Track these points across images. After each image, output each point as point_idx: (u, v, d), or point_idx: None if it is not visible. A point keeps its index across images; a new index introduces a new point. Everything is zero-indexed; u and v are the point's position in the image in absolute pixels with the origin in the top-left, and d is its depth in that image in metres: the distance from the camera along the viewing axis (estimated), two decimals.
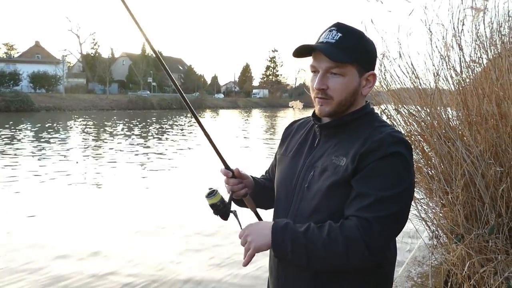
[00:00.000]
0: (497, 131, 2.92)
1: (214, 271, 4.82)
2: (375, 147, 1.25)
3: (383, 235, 1.22)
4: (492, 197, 2.80)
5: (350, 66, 1.31)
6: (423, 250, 4.11)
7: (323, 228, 1.23)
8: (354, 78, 1.33)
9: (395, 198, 1.22)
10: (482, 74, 3.33)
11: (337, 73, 1.31)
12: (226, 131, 24.06)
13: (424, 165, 3.46)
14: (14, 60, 58.13)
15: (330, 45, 1.30)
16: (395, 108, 3.64)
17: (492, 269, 2.64)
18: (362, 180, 1.24)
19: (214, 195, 1.45)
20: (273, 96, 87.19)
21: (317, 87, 1.33)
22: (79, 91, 54.66)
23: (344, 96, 1.33)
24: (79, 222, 6.54)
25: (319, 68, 1.33)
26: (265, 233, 1.28)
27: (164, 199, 8.08)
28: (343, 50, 1.29)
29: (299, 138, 1.52)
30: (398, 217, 1.25)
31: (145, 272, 4.74)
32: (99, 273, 4.67)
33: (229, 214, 1.48)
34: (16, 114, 35.33)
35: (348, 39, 1.31)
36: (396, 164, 1.24)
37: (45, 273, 4.65)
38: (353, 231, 1.19)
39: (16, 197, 8.05)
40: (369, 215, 1.19)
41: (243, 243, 1.32)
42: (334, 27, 1.33)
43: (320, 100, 1.35)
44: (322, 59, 1.31)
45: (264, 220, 1.41)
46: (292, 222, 1.30)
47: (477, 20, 3.25)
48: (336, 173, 1.29)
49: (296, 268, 1.37)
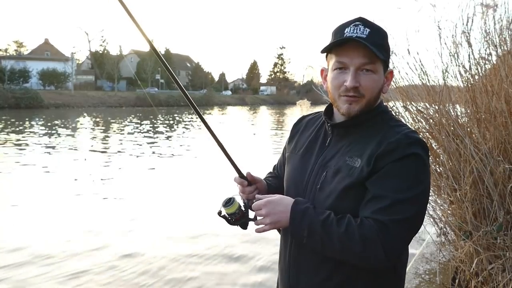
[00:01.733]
0: (506, 128, 2.91)
1: (223, 271, 4.86)
2: (392, 148, 1.21)
3: (400, 239, 1.19)
4: (500, 194, 2.79)
5: (379, 62, 1.27)
6: (431, 247, 4.10)
7: (342, 221, 1.20)
8: (381, 76, 1.30)
9: (412, 201, 1.19)
10: (491, 71, 3.31)
11: (370, 69, 1.26)
12: (234, 128, 24.09)
13: (432, 162, 3.45)
14: (24, 57, 58.59)
15: (364, 40, 1.23)
16: (403, 105, 3.63)
17: (500, 266, 2.64)
18: (378, 181, 1.21)
19: (232, 204, 1.39)
20: (281, 93, 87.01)
21: (352, 85, 1.25)
22: (87, 88, 55.04)
23: (374, 94, 1.29)
24: (85, 218, 6.61)
25: (351, 64, 1.26)
26: (283, 212, 1.26)
27: (172, 197, 8.12)
28: (375, 45, 1.24)
29: (309, 136, 1.47)
30: (415, 221, 1.22)
31: (153, 269, 4.79)
32: (100, 269, 4.73)
33: (248, 223, 1.43)
34: (25, 110, 35.66)
35: (377, 35, 1.27)
36: (413, 166, 1.21)
37: (59, 269, 4.72)
38: (371, 232, 1.16)
39: (19, 195, 8.16)
40: (386, 218, 1.16)
41: (258, 214, 1.30)
42: (359, 22, 1.27)
43: (349, 99, 1.28)
44: (355, 54, 1.24)
45: (283, 196, 1.34)
46: (312, 206, 1.27)
47: (486, 16, 3.23)
48: (351, 175, 1.25)
49: (309, 269, 1.35)
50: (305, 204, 1.27)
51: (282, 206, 1.28)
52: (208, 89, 71.14)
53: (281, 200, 1.30)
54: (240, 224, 1.44)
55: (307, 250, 1.34)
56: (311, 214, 1.24)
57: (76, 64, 62.24)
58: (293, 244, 1.41)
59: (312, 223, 1.22)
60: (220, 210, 1.42)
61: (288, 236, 1.42)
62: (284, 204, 1.28)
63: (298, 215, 1.25)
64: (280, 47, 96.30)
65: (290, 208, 1.26)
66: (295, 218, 1.25)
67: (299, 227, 1.24)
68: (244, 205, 1.45)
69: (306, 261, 1.37)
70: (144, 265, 4.85)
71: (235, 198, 1.42)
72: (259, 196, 1.36)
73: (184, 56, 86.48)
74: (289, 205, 1.27)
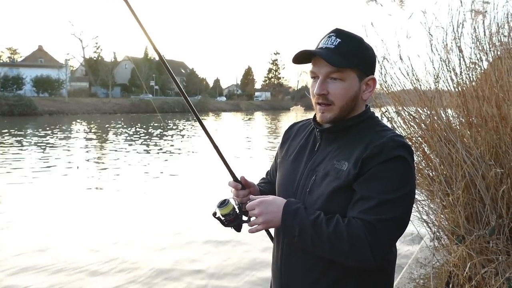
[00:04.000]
0: (497, 132, 2.94)
1: (217, 276, 4.85)
2: (378, 151, 1.26)
3: (386, 238, 1.23)
4: (492, 198, 2.81)
5: (349, 70, 1.32)
6: (425, 252, 4.12)
7: (331, 221, 1.25)
8: (354, 83, 1.33)
9: (398, 201, 1.24)
10: (482, 76, 3.35)
11: (337, 78, 1.31)
12: (228, 134, 24.09)
13: (425, 167, 3.48)
14: (18, 64, 58.34)
15: (329, 50, 1.31)
16: (395, 111, 3.66)
17: (493, 270, 2.65)
18: (364, 183, 1.26)
19: (226, 205, 1.43)
20: (276, 99, 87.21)
21: (318, 93, 1.33)
22: (82, 95, 54.75)
23: (345, 101, 1.33)
24: (77, 228, 6.56)
25: (319, 73, 1.33)
26: (276, 212, 1.30)
27: (166, 203, 8.08)
28: (342, 55, 1.29)
29: (300, 142, 1.53)
30: (401, 220, 1.26)
31: (143, 277, 4.77)
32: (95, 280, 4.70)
33: (242, 225, 1.46)
34: (19, 118, 35.46)
35: (347, 44, 1.31)
36: (398, 168, 1.26)
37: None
38: (358, 231, 1.20)
39: (13, 203, 8.09)
40: (373, 218, 1.21)
41: (251, 214, 1.34)
42: (333, 33, 1.34)
43: (321, 107, 1.35)
44: (321, 64, 1.31)
45: (276, 197, 1.38)
46: (303, 206, 1.31)
47: (476, 22, 3.27)
48: (338, 178, 1.30)
49: (301, 269, 1.39)
50: (297, 205, 1.32)
51: (274, 206, 1.32)
52: (203, 95, 71.15)
53: (273, 200, 1.35)
54: (234, 226, 1.47)
55: (299, 250, 1.38)
56: (302, 214, 1.28)
57: (70, 70, 62.02)
58: (285, 244, 1.45)
59: (303, 223, 1.26)
60: (215, 211, 1.45)
61: (280, 236, 1.47)
62: (277, 204, 1.32)
63: (290, 215, 1.29)
64: (275, 53, 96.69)
65: (282, 208, 1.30)
66: (287, 217, 1.29)
67: (290, 227, 1.28)
68: (238, 207, 1.48)
69: (297, 261, 1.41)
70: (136, 271, 4.82)
71: (230, 200, 1.45)
72: (253, 196, 1.41)
73: (178, 62, 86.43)
74: (281, 205, 1.32)
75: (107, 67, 60.66)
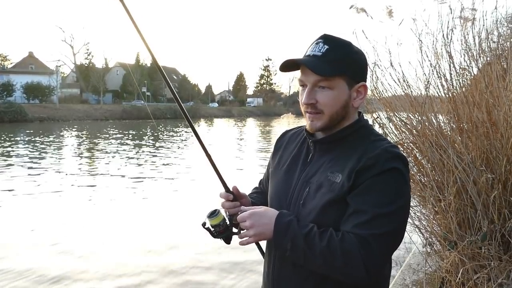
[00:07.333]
0: (488, 138, 2.95)
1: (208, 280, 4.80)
2: (371, 163, 1.22)
3: (380, 253, 1.19)
4: (484, 204, 2.82)
5: (338, 78, 1.28)
6: (418, 257, 4.12)
7: (324, 235, 1.21)
8: (343, 91, 1.29)
9: (392, 215, 1.20)
10: (472, 82, 3.38)
11: (325, 86, 1.28)
12: (220, 141, 24.04)
13: (416, 173, 3.48)
14: (8, 71, 57.82)
15: (316, 58, 1.27)
16: (387, 116, 3.67)
17: (485, 275, 2.65)
18: (358, 196, 1.22)
19: (216, 215, 1.40)
20: (268, 105, 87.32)
21: (306, 102, 1.30)
22: (73, 101, 54.37)
23: (335, 109, 1.29)
24: (66, 235, 6.48)
25: (307, 82, 1.30)
26: (268, 224, 1.26)
27: (155, 213, 7.96)
28: (329, 62, 1.25)
29: (292, 151, 1.48)
30: (395, 234, 1.23)
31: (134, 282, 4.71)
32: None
33: (231, 237, 1.43)
34: (10, 124, 35.08)
35: (335, 50, 1.27)
36: (392, 180, 1.22)
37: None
38: (352, 247, 1.17)
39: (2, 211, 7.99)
40: (367, 232, 1.17)
41: (242, 226, 1.30)
42: (321, 39, 1.30)
43: (310, 116, 1.32)
44: (309, 73, 1.28)
45: (268, 209, 1.34)
46: (296, 219, 1.27)
47: (466, 29, 3.30)
48: (332, 190, 1.26)
49: (292, 284, 1.35)
50: (289, 217, 1.27)
51: (266, 218, 1.28)
52: (195, 101, 71.05)
53: (265, 212, 1.30)
54: (223, 237, 1.44)
55: (291, 264, 1.34)
56: (295, 227, 1.24)
57: (61, 77, 61.64)
58: (276, 257, 1.41)
59: (296, 236, 1.22)
60: (205, 221, 1.42)
61: (272, 249, 1.42)
62: (269, 216, 1.28)
63: (282, 227, 1.25)
64: (266, 59, 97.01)
65: (274, 220, 1.27)
66: (279, 230, 1.25)
67: (282, 240, 1.24)
68: (228, 218, 1.45)
69: (290, 275, 1.36)
70: (126, 277, 4.77)
71: (220, 211, 1.42)
72: (244, 208, 1.35)
73: (170, 69, 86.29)
74: (273, 217, 1.27)
75: (98, 73, 60.39)
